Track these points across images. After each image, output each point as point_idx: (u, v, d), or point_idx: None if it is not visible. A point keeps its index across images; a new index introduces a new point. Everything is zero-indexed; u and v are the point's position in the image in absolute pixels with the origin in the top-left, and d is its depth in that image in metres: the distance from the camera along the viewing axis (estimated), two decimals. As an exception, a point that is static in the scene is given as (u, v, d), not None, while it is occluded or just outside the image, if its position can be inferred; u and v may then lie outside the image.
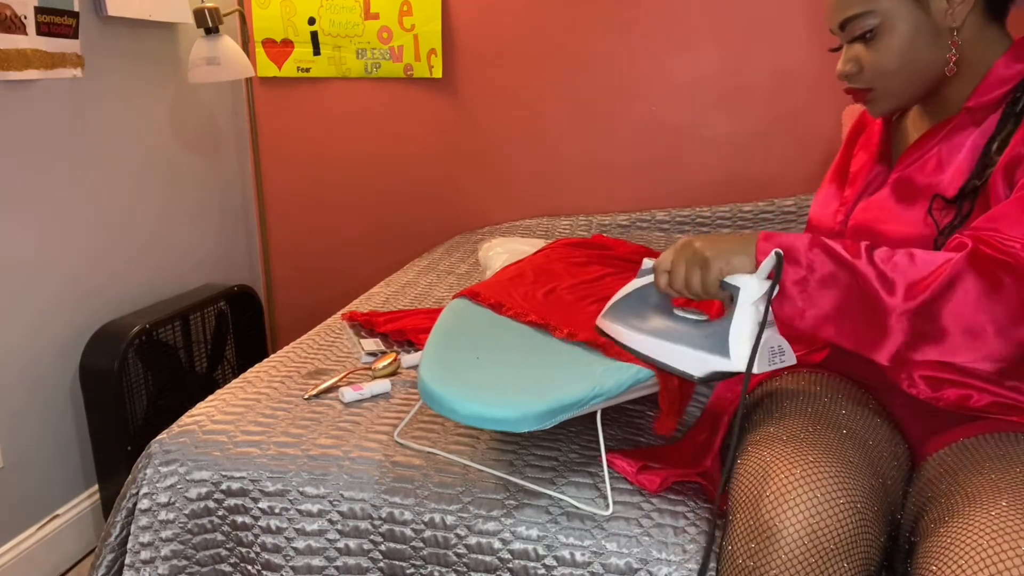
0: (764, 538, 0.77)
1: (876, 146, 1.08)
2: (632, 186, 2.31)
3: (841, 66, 1.00)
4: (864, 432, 0.89)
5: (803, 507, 0.77)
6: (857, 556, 0.77)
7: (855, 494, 0.78)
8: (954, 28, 0.92)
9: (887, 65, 0.95)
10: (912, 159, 1.00)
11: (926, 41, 0.94)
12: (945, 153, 0.97)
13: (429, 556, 0.98)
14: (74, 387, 1.86)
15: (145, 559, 1.08)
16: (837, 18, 0.97)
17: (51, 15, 1.67)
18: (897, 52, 0.94)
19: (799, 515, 0.76)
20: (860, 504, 0.78)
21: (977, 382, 0.92)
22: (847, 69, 0.99)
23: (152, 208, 2.12)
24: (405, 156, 2.47)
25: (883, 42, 0.94)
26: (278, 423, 1.16)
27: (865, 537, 0.78)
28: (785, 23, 2.11)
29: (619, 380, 0.94)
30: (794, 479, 0.79)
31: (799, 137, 2.16)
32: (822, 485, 0.78)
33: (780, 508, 0.77)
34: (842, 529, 0.76)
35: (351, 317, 1.57)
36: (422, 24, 2.31)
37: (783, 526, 0.77)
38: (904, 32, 0.93)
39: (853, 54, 0.98)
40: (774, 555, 0.77)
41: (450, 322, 1.08)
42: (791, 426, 0.88)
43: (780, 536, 0.76)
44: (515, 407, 0.87)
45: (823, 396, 0.96)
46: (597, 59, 2.25)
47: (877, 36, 0.95)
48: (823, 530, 0.76)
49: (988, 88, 0.94)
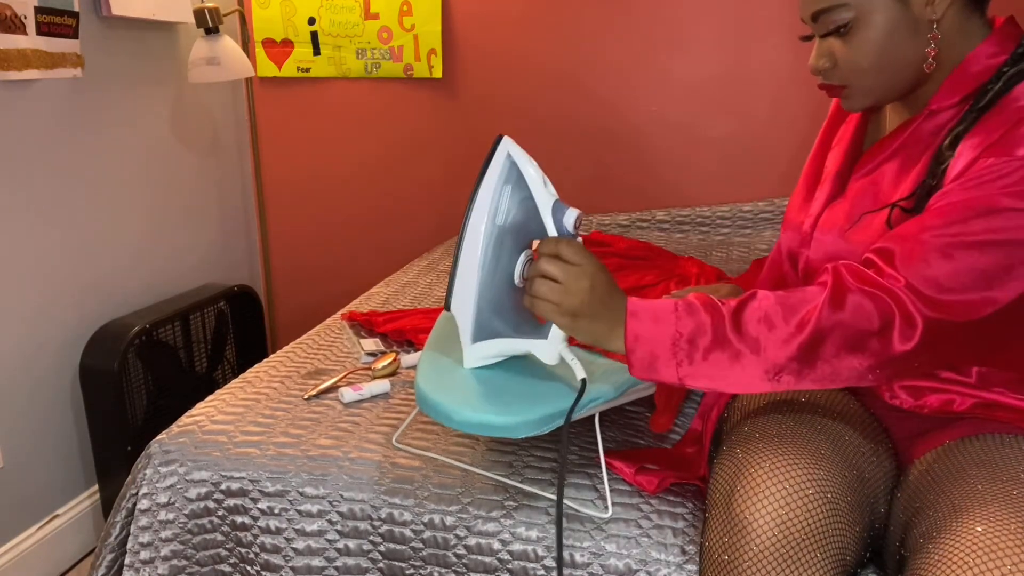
0: (737, 532, 0.79)
1: (850, 141, 1.03)
2: (632, 186, 2.31)
3: (813, 61, 0.94)
4: (839, 427, 0.89)
5: (772, 499, 0.78)
6: (829, 545, 0.78)
7: (825, 484, 0.79)
8: (934, 20, 0.87)
9: (862, 61, 0.89)
10: (872, 164, 0.96)
11: (904, 35, 0.87)
12: (904, 159, 0.92)
13: (429, 557, 0.98)
14: (74, 387, 1.86)
15: (145, 559, 1.08)
16: (809, 9, 0.91)
17: (51, 15, 1.67)
18: (873, 47, 0.88)
19: (768, 507, 0.78)
20: (831, 494, 0.79)
21: (958, 387, 0.91)
22: (820, 64, 0.93)
23: (152, 208, 2.12)
24: (405, 156, 2.47)
25: (858, 36, 0.88)
26: (278, 423, 1.16)
27: (837, 526, 0.79)
28: (785, 23, 2.10)
29: (616, 383, 0.94)
30: (764, 473, 0.80)
31: (798, 137, 2.15)
32: (791, 477, 0.79)
33: (751, 502, 0.79)
34: (812, 519, 0.77)
35: (350, 317, 1.58)
36: (422, 24, 2.31)
37: (753, 519, 0.78)
38: (881, 26, 0.87)
39: (826, 48, 0.92)
40: (747, 547, 0.78)
41: (447, 327, 1.08)
42: (765, 425, 0.89)
43: (751, 529, 0.78)
44: (512, 413, 0.87)
45: (800, 396, 0.96)
46: (597, 59, 2.25)
47: (852, 30, 0.88)
48: (792, 521, 0.77)
49: (954, 86, 0.89)
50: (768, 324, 0.82)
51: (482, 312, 0.92)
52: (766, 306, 0.83)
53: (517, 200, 0.90)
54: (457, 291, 0.91)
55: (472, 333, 0.93)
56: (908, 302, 0.80)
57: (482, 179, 0.89)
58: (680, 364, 0.83)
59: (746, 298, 0.85)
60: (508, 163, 0.89)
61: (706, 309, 0.84)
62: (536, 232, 0.89)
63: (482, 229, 0.89)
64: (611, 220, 2.25)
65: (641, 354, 0.84)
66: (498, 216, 0.89)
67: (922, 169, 0.90)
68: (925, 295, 0.80)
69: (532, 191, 0.88)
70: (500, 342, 0.94)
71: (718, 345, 0.83)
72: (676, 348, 0.83)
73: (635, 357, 0.84)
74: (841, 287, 0.82)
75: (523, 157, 0.88)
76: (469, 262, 0.90)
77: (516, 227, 0.91)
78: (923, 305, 0.80)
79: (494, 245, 0.90)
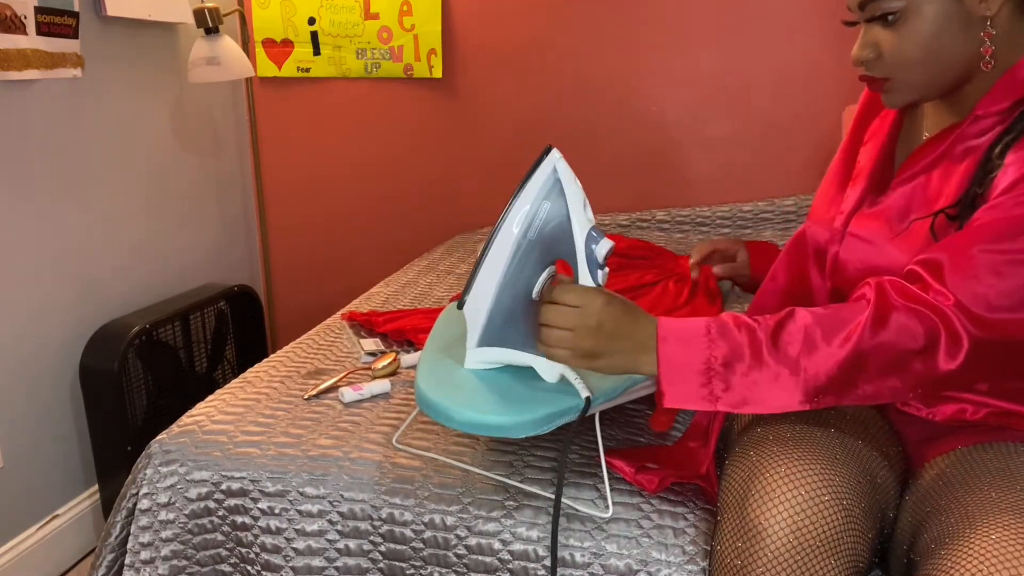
0: (750, 537, 0.78)
1: (885, 137, 0.99)
2: (632, 186, 2.31)
3: (857, 51, 0.90)
4: (853, 430, 0.88)
5: (787, 505, 0.77)
6: (844, 553, 0.77)
7: (841, 491, 0.78)
8: (987, 17, 0.83)
9: (909, 54, 0.86)
10: (914, 170, 0.93)
11: (955, 30, 0.84)
12: (947, 167, 0.89)
13: (429, 557, 0.98)
14: (74, 387, 1.86)
15: (145, 559, 1.08)
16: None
17: (51, 15, 1.67)
18: (922, 40, 0.85)
19: (783, 513, 0.77)
20: (846, 501, 0.78)
21: (971, 396, 0.91)
22: (864, 55, 0.89)
23: (152, 208, 2.12)
24: (405, 156, 2.47)
25: (907, 27, 0.85)
26: (278, 423, 1.16)
27: (851, 534, 0.78)
28: (785, 22, 2.10)
29: (616, 382, 0.94)
30: (779, 478, 0.79)
31: (799, 137, 2.15)
32: (807, 483, 0.78)
33: (765, 507, 0.78)
34: (827, 526, 0.76)
35: (351, 317, 1.57)
36: (422, 24, 2.31)
37: (768, 524, 0.77)
38: (932, 17, 0.84)
39: (872, 38, 0.88)
40: (760, 553, 0.77)
41: (448, 327, 1.08)
42: (778, 427, 0.88)
43: (765, 534, 0.77)
44: (512, 413, 0.86)
45: None
46: (597, 59, 2.25)
47: (901, 20, 0.85)
48: (808, 527, 0.76)
49: (1004, 91, 0.85)
50: (809, 345, 0.80)
51: (494, 319, 0.92)
52: (805, 325, 0.81)
53: (554, 216, 0.88)
54: (474, 293, 0.91)
55: (479, 337, 0.93)
56: (956, 321, 0.78)
57: (523, 187, 0.88)
58: (714, 389, 0.82)
59: (784, 317, 0.83)
60: (552, 178, 0.88)
61: (740, 329, 0.82)
62: (565, 253, 0.89)
63: (513, 238, 0.88)
64: (611, 220, 2.25)
65: (671, 380, 0.82)
66: (531, 230, 0.89)
67: (965, 175, 0.87)
68: (973, 313, 0.78)
69: (570, 212, 0.87)
70: (504, 351, 0.94)
71: (756, 367, 0.81)
72: (711, 373, 0.82)
73: (665, 384, 0.83)
74: (885, 305, 0.80)
75: (568, 175, 0.87)
76: (493, 268, 0.90)
77: (545, 243, 0.89)
78: (970, 324, 0.78)
79: (521, 256, 0.89)
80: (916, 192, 0.93)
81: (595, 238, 0.87)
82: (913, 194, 0.93)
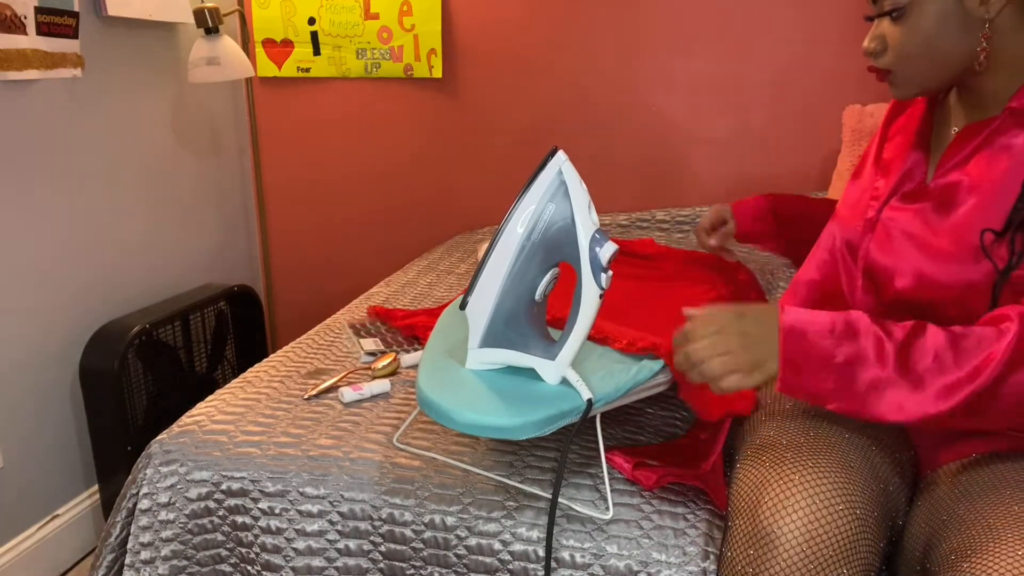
0: (762, 544, 0.77)
1: (915, 131, 1.01)
2: (632, 186, 2.31)
3: (867, 42, 0.96)
4: (866, 436, 0.88)
5: (801, 513, 0.76)
6: (856, 562, 0.77)
7: (855, 500, 0.78)
8: (987, 20, 0.87)
9: (910, 49, 0.91)
10: (951, 164, 0.94)
11: (954, 30, 0.88)
12: (987, 160, 0.90)
13: (429, 557, 0.98)
14: (74, 387, 1.86)
15: (145, 559, 1.08)
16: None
17: (51, 15, 1.67)
18: (921, 36, 0.89)
19: (797, 521, 0.76)
20: (860, 510, 0.78)
21: None
22: (871, 46, 0.95)
23: (152, 208, 2.12)
24: (405, 156, 2.47)
25: (909, 22, 0.90)
26: (278, 423, 1.16)
27: (864, 543, 0.77)
28: (785, 23, 2.10)
29: (617, 384, 0.94)
30: (792, 485, 0.78)
31: (799, 137, 2.15)
32: (821, 491, 0.77)
33: (778, 514, 0.77)
34: (841, 535, 0.76)
35: (374, 311, 1.60)
36: (422, 24, 2.31)
37: (781, 532, 0.76)
38: (932, 15, 0.88)
39: (880, 31, 0.94)
40: (772, 561, 0.76)
41: (449, 327, 1.08)
42: (791, 431, 0.87)
43: (778, 542, 0.76)
44: (513, 415, 0.86)
45: None
46: (597, 59, 2.25)
47: (905, 15, 0.90)
48: (821, 536, 0.76)
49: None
50: (939, 367, 0.79)
51: (496, 320, 0.92)
52: (936, 345, 0.80)
53: (558, 218, 0.88)
54: (477, 294, 0.91)
55: (482, 338, 0.93)
56: None
57: (528, 188, 0.88)
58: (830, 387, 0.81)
59: (913, 332, 0.82)
60: (558, 179, 0.87)
61: (866, 336, 0.82)
62: (569, 255, 0.88)
63: (517, 239, 0.88)
64: (611, 220, 2.25)
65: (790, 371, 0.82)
66: (535, 232, 0.88)
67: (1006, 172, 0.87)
68: None
69: (575, 214, 0.87)
70: (506, 353, 0.93)
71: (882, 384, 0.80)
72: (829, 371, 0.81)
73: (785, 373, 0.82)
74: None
75: (574, 177, 0.87)
76: (497, 269, 0.90)
77: (549, 245, 0.89)
78: None
79: (525, 257, 0.89)
80: (950, 186, 0.93)
81: (599, 241, 0.87)
82: (948, 187, 0.93)
